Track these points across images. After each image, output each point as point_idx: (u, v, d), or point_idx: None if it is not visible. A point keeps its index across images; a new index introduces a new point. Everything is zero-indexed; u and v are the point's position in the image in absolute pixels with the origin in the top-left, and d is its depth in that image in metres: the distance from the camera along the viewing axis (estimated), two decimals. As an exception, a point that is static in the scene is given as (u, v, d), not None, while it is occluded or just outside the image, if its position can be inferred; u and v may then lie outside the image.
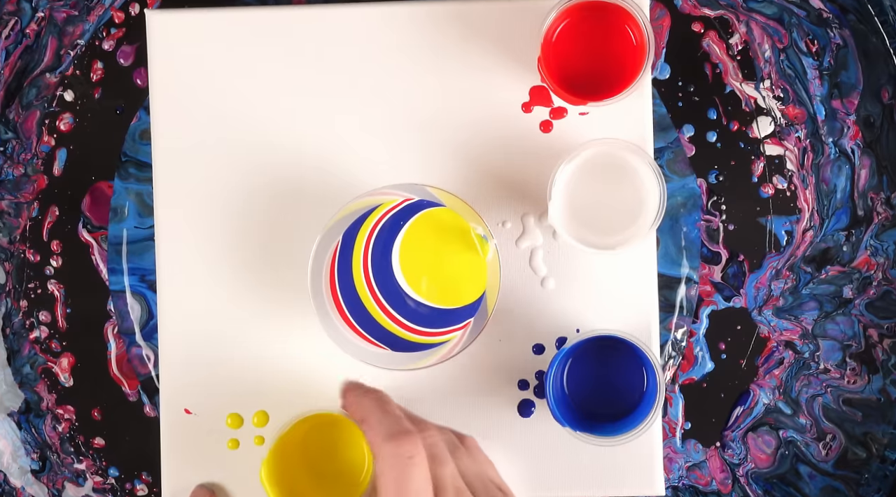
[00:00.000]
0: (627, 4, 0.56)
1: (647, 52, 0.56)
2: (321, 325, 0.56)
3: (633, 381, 0.59)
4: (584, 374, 0.59)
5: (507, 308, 0.60)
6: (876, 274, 0.62)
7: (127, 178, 0.62)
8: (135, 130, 0.62)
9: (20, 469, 0.63)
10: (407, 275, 0.56)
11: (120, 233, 0.62)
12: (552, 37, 0.57)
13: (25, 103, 0.63)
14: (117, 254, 0.62)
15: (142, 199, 0.62)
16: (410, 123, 0.60)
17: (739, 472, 0.63)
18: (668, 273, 0.62)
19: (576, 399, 0.59)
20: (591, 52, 0.57)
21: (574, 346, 0.57)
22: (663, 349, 0.62)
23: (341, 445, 0.59)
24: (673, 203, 0.62)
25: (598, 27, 0.57)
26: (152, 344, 0.63)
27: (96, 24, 0.62)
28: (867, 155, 0.62)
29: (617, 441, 0.56)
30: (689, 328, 0.62)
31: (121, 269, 0.62)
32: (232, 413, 0.60)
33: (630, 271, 0.60)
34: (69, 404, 0.63)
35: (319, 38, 0.60)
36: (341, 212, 0.56)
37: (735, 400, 0.63)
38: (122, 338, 0.63)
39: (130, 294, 0.63)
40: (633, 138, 0.60)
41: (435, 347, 0.56)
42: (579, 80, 0.57)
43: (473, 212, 0.56)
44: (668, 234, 0.62)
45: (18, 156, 0.63)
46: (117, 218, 0.62)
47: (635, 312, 0.60)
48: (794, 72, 0.62)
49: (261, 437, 0.60)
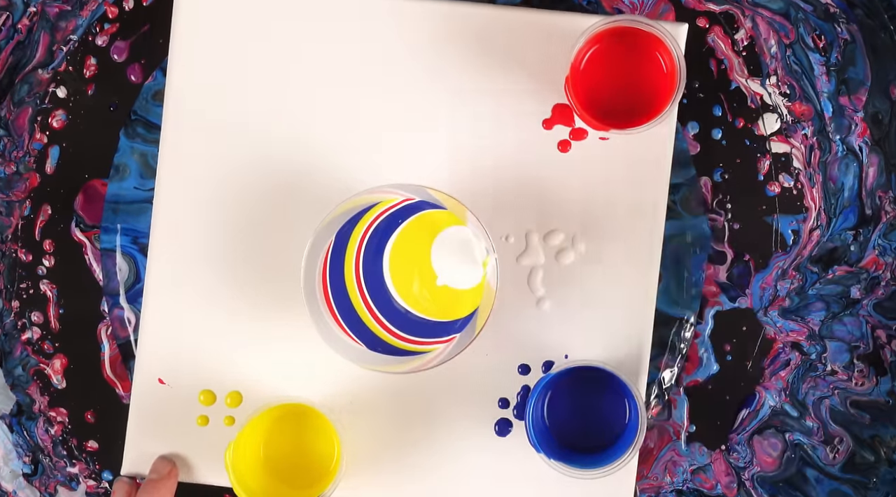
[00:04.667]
0: (660, 32, 0.55)
1: (678, 84, 0.55)
2: (308, 312, 0.55)
3: (616, 415, 0.59)
4: (566, 403, 0.59)
5: (498, 324, 0.60)
6: (884, 274, 0.62)
7: (134, 137, 0.62)
8: (148, 90, 0.62)
9: (12, 473, 0.63)
10: (396, 278, 0.55)
11: (119, 191, 0.62)
12: (582, 60, 0.57)
13: (17, 100, 0.62)
14: (113, 212, 0.62)
15: (145, 160, 0.62)
16: (420, 125, 0.60)
17: (745, 475, 0.62)
18: (665, 311, 0.61)
19: (555, 426, 0.59)
20: (620, 78, 0.57)
21: (560, 373, 0.57)
22: (650, 387, 0.62)
23: (311, 436, 0.59)
24: (681, 242, 0.61)
25: (629, 53, 0.57)
26: (135, 307, 0.62)
27: (89, 19, 0.62)
28: (875, 152, 0.62)
29: (590, 475, 0.56)
30: (681, 366, 0.62)
31: (114, 227, 0.62)
32: (205, 389, 0.60)
33: (629, 304, 0.60)
34: (62, 407, 0.62)
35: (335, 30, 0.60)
36: (341, 207, 0.56)
37: (740, 402, 0.62)
38: (107, 298, 0.62)
39: (121, 254, 0.62)
40: (651, 169, 0.59)
41: (416, 355, 0.56)
42: (605, 105, 0.57)
43: (476, 220, 0.56)
44: (672, 272, 0.61)
45: (10, 153, 0.62)
46: (118, 176, 0.62)
47: (627, 346, 0.60)
48: (800, 68, 0.61)
49: (231, 418, 0.60)
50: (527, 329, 0.60)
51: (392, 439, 0.60)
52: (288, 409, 0.59)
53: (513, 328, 0.60)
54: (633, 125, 0.55)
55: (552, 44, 0.59)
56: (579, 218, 0.60)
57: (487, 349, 0.60)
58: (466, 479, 0.60)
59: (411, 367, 0.56)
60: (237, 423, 0.60)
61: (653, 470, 0.62)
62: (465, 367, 0.60)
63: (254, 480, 0.58)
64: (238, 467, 0.57)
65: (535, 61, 0.60)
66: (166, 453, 0.60)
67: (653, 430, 0.62)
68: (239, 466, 0.57)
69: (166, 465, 0.59)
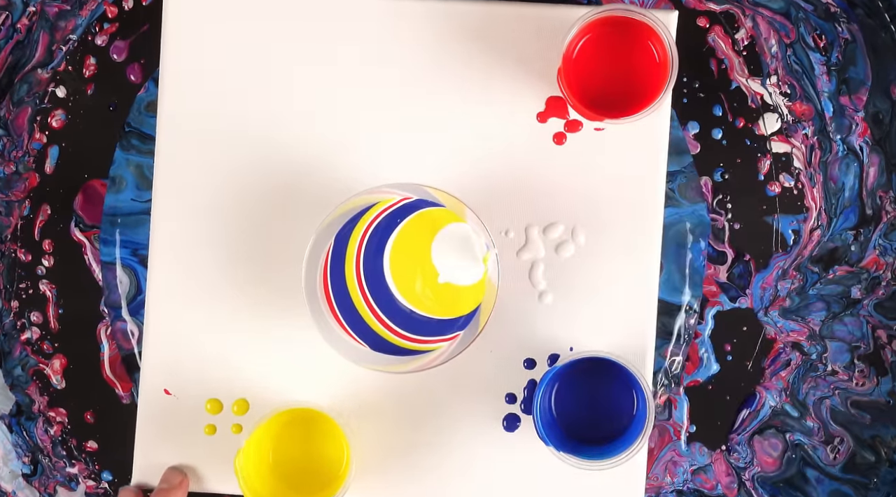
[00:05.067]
0: (652, 21, 0.55)
1: (670, 72, 0.55)
2: (310, 314, 0.55)
3: (623, 405, 0.58)
4: (573, 394, 0.59)
5: (501, 319, 0.59)
6: (885, 274, 0.62)
7: (129, 148, 0.62)
8: (141, 101, 0.62)
9: (11, 473, 0.63)
10: (397, 277, 0.55)
11: (116, 203, 0.62)
12: (574, 50, 0.57)
13: (17, 100, 0.62)
14: (111, 224, 0.62)
15: (141, 172, 0.62)
16: (415, 124, 0.59)
17: (745, 475, 0.62)
18: (668, 300, 0.61)
19: (562, 419, 0.59)
20: (613, 68, 0.57)
21: (566, 365, 0.57)
22: (656, 376, 0.61)
23: (320, 440, 0.59)
24: (680, 229, 0.61)
25: (620, 43, 0.57)
26: (138, 320, 0.62)
27: (89, 18, 0.62)
28: (876, 152, 0.61)
29: (600, 465, 0.55)
30: (686, 351, 0.62)
31: (113, 240, 0.62)
32: (212, 398, 0.60)
33: (630, 294, 0.60)
34: (61, 407, 0.62)
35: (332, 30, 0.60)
36: (340, 208, 0.56)
37: (741, 402, 0.62)
38: (109, 311, 0.62)
39: (121, 267, 0.62)
40: (648, 158, 0.59)
41: (419, 354, 0.56)
42: (599, 95, 0.57)
43: (475, 217, 0.56)
44: (673, 261, 0.61)
45: (9, 153, 0.62)
46: (115, 188, 0.62)
47: (631, 336, 0.60)
48: (801, 67, 0.61)
49: (239, 425, 0.60)
50: (530, 323, 0.60)
51: (400, 440, 0.60)
52: (295, 414, 0.58)
53: (516, 323, 0.60)
54: (627, 114, 0.55)
55: (544, 37, 0.59)
56: (578, 210, 0.60)
57: (492, 345, 0.60)
58: (477, 477, 0.60)
59: (415, 366, 0.56)
60: (245, 430, 0.60)
61: (653, 470, 0.62)
62: (471, 364, 0.60)
63: (264, 487, 0.57)
64: (248, 474, 0.57)
65: (527, 55, 0.59)
66: (176, 464, 0.60)
67: (654, 431, 0.62)
68: (248, 473, 0.57)
69: (177, 476, 0.59)
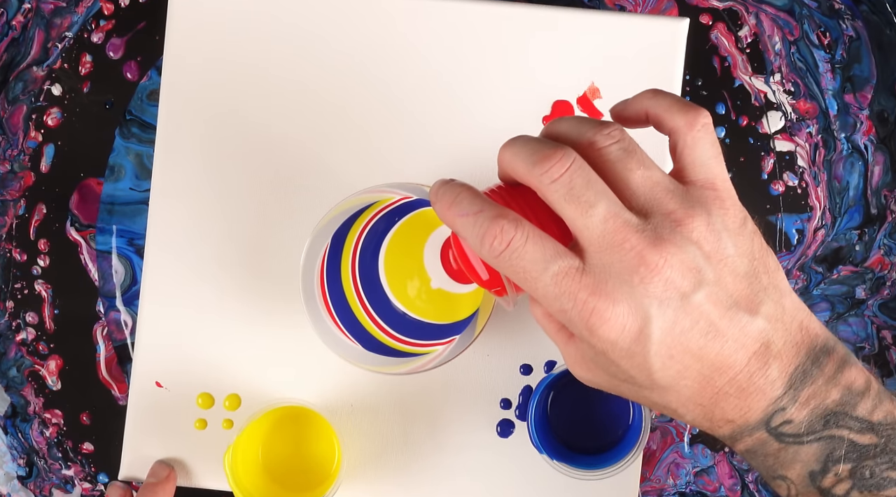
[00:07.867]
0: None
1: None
2: (307, 313, 0.55)
3: (619, 415, 0.58)
4: (568, 403, 0.59)
5: (498, 324, 0.59)
6: (890, 274, 0.61)
7: (129, 137, 0.61)
8: (143, 90, 0.61)
9: (6, 475, 0.62)
10: (392, 280, 0.55)
11: (114, 192, 0.61)
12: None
13: (11, 98, 0.61)
14: (108, 213, 0.61)
15: (140, 161, 0.61)
16: (418, 125, 0.59)
17: (749, 477, 0.62)
18: None
19: (557, 427, 0.58)
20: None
21: (562, 373, 0.57)
22: None
23: (311, 439, 0.59)
24: None
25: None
26: (132, 310, 0.62)
27: (85, 15, 0.61)
28: (881, 151, 0.61)
29: (593, 475, 0.55)
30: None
31: (110, 229, 0.61)
32: (203, 392, 0.60)
33: None
34: (57, 408, 0.62)
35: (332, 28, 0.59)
36: (338, 207, 0.55)
37: (744, 404, 0.61)
38: (104, 302, 0.62)
39: (116, 256, 0.61)
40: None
41: (414, 356, 0.55)
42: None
43: None
44: None
45: (4, 152, 0.62)
46: (114, 176, 0.61)
47: None
48: (805, 65, 0.61)
49: (230, 421, 0.60)
50: (528, 329, 0.59)
51: (393, 441, 0.60)
52: (287, 412, 0.58)
53: (514, 328, 0.59)
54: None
55: (552, 40, 0.59)
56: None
57: (488, 349, 0.59)
58: (469, 481, 0.60)
59: (410, 368, 0.55)
60: (236, 426, 0.60)
61: (655, 472, 0.62)
62: (467, 368, 0.59)
63: (253, 484, 0.57)
64: (237, 471, 0.57)
65: (534, 58, 0.59)
66: (164, 458, 0.60)
67: (655, 432, 0.61)
68: (238, 470, 0.57)
69: (164, 469, 0.59)
